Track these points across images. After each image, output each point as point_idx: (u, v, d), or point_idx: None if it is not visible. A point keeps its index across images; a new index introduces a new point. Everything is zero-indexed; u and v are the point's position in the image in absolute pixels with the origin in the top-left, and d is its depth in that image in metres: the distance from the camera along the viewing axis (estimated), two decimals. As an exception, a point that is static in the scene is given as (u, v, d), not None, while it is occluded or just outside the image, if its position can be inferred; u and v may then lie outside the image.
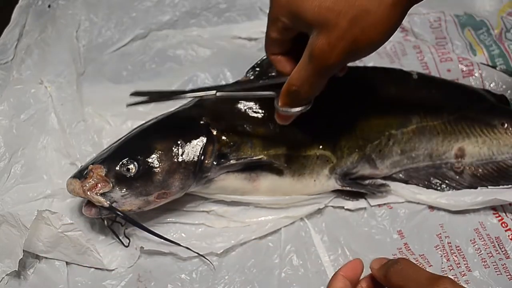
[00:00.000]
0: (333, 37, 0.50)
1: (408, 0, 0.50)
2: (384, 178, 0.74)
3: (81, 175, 0.64)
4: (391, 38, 0.53)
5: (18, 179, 0.69)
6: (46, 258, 0.65)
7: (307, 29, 0.53)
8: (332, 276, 0.54)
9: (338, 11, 0.49)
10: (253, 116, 0.68)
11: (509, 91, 0.79)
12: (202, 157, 0.65)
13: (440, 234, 0.69)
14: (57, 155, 0.72)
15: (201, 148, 0.65)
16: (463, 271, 0.66)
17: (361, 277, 0.56)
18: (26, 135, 0.72)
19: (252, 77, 0.71)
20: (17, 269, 0.61)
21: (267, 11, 0.57)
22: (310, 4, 0.51)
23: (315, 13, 0.50)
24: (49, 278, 0.64)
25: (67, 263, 0.65)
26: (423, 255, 0.67)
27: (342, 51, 0.51)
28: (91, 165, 0.64)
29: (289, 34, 0.57)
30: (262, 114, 0.68)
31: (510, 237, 0.68)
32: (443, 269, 0.66)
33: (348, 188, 0.71)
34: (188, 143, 0.65)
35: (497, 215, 0.70)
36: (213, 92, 0.62)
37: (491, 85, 0.80)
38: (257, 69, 0.70)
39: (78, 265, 0.66)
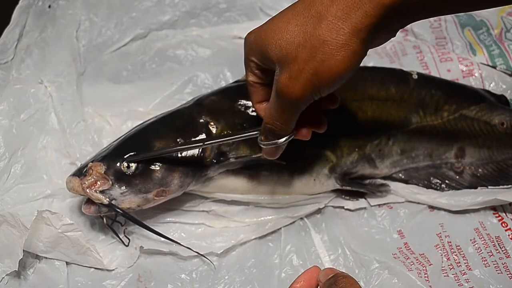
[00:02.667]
0: (294, 70, 0.50)
1: (368, 29, 0.48)
2: (384, 178, 0.74)
3: (81, 172, 0.64)
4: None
5: (18, 179, 0.69)
6: (46, 258, 0.65)
7: (274, 67, 0.53)
8: None
9: (297, 43, 0.49)
10: (253, 115, 0.68)
11: (509, 91, 0.79)
12: (201, 155, 0.66)
13: (440, 233, 0.69)
14: (57, 155, 0.72)
15: (201, 146, 0.66)
16: (463, 270, 0.66)
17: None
18: (26, 135, 0.72)
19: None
20: (17, 269, 0.61)
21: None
22: (272, 40, 0.51)
23: (277, 48, 0.51)
24: (49, 278, 0.65)
25: (67, 263, 0.66)
26: (423, 254, 0.67)
27: (304, 84, 0.51)
28: (91, 163, 0.64)
29: (265, 76, 0.57)
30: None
31: (510, 236, 0.68)
32: (443, 268, 0.66)
33: (348, 188, 0.71)
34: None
35: (497, 215, 0.70)
36: (200, 144, 0.63)
37: (491, 85, 0.80)
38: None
39: (78, 265, 0.66)
